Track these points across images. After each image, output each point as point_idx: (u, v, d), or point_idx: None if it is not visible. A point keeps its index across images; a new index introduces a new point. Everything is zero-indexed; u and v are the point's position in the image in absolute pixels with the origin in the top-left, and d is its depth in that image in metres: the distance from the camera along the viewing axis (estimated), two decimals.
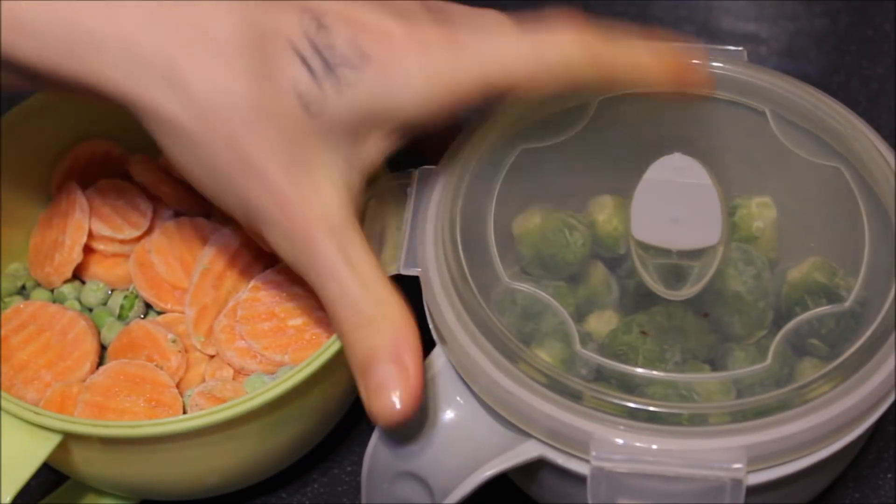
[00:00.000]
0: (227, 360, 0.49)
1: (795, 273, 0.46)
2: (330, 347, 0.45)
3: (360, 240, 0.40)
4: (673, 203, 0.46)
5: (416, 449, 0.43)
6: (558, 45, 0.42)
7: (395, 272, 0.45)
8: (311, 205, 0.39)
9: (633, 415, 0.40)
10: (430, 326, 0.44)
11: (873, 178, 0.45)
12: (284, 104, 0.39)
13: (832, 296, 0.45)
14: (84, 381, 0.48)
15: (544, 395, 0.40)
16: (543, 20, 0.43)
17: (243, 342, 0.48)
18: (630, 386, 0.42)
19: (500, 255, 0.45)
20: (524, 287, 0.44)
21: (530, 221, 0.48)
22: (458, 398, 0.43)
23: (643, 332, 0.45)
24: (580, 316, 0.47)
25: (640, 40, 0.44)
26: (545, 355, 0.43)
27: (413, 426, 0.43)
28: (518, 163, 0.48)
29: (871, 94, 0.63)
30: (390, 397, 0.39)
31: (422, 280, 0.44)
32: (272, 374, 0.48)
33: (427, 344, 0.55)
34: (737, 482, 0.39)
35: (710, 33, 0.48)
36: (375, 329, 0.40)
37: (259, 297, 0.49)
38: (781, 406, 0.40)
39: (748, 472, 0.39)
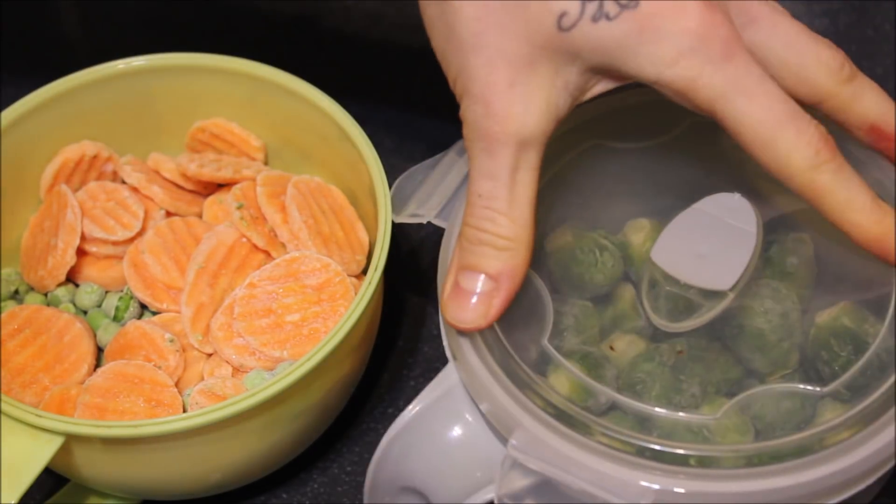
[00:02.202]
0: (225, 358, 0.49)
1: (825, 316, 0.45)
2: (329, 342, 0.45)
3: (534, 165, 0.41)
4: (706, 239, 0.45)
5: (421, 464, 0.43)
6: (791, 144, 0.39)
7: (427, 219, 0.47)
8: (513, 114, 0.40)
9: (641, 453, 0.39)
10: (445, 343, 0.44)
11: None
12: (543, 9, 0.40)
13: (858, 342, 0.43)
14: (82, 383, 0.48)
15: (551, 426, 0.40)
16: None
17: (241, 339, 0.48)
18: (643, 418, 0.42)
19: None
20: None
21: (562, 239, 0.47)
22: (466, 415, 0.43)
23: (679, 352, 0.44)
24: (604, 337, 0.46)
25: (864, 186, 0.40)
26: (564, 380, 0.43)
27: (419, 440, 0.43)
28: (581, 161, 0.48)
29: None
30: (468, 306, 0.42)
31: (440, 297, 0.44)
32: (271, 370, 0.48)
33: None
34: None
35: None
36: (496, 249, 0.41)
37: (255, 294, 0.49)
38: (798, 451, 0.39)
39: None
